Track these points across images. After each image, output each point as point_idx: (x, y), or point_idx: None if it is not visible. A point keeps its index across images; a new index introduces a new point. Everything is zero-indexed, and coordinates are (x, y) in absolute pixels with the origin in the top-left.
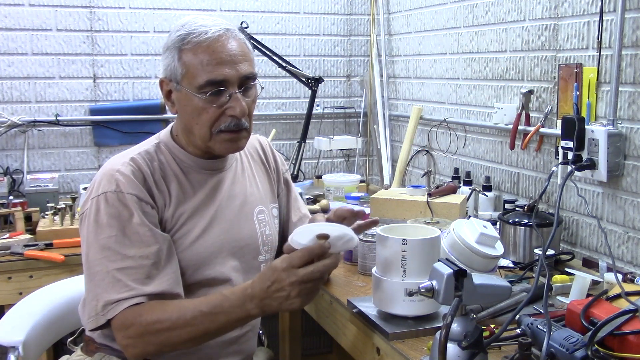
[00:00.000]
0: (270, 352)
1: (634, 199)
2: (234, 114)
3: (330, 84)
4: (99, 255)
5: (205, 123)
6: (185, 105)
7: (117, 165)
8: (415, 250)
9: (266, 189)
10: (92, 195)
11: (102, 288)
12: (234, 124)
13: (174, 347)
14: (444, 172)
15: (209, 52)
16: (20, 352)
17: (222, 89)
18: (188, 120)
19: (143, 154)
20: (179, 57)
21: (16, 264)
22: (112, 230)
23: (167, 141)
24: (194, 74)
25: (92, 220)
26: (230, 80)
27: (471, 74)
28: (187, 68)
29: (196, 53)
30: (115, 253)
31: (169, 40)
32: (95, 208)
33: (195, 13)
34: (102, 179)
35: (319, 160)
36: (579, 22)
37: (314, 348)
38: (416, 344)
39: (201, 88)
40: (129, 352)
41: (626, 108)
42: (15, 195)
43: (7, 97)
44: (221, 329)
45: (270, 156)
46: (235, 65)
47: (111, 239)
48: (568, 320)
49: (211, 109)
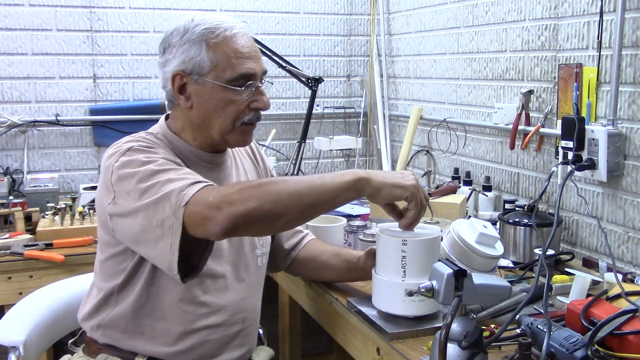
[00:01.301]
0: (270, 351)
1: (634, 199)
2: (259, 107)
3: (330, 84)
4: (149, 181)
5: (230, 115)
6: (209, 99)
7: (133, 138)
8: (415, 250)
9: None
10: (115, 159)
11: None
12: (256, 116)
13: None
14: (444, 172)
15: (238, 47)
16: (20, 352)
17: (251, 82)
18: (208, 113)
19: (144, 135)
20: (206, 50)
21: (16, 264)
22: (152, 165)
23: (164, 133)
24: (224, 67)
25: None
26: (257, 74)
27: (471, 74)
28: (217, 61)
29: (226, 47)
30: (163, 171)
31: (187, 35)
32: (128, 162)
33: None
34: (116, 148)
35: (319, 160)
36: (579, 22)
37: (314, 348)
38: (416, 344)
39: (233, 81)
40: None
41: (626, 108)
42: (15, 195)
43: (7, 97)
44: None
45: (257, 154)
46: (258, 60)
47: (155, 165)
48: (568, 320)
49: (239, 101)
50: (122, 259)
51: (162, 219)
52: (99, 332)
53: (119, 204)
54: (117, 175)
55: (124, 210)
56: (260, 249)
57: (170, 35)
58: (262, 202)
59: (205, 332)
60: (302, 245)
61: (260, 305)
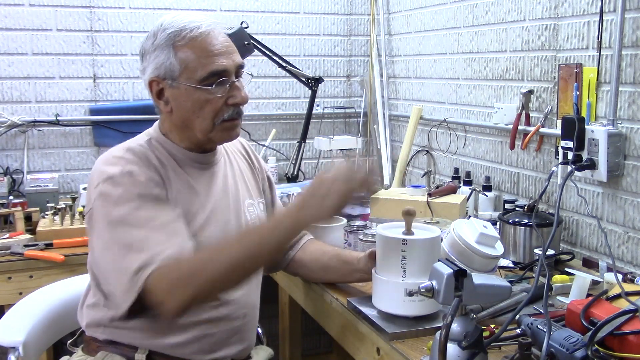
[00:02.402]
0: (270, 351)
1: (634, 199)
2: (236, 102)
3: (330, 84)
4: (116, 230)
5: (209, 115)
6: (185, 101)
7: (119, 152)
8: (415, 250)
9: (252, 184)
10: (95, 184)
11: (126, 259)
12: (236, 112)
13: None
14: (444, 172)
15: (205, 45)
16: (20, 352)
17: (224, 78)
18: (187, 115)
19: (142, 143)
20: (174, 53)
21: (16, 264)
22: (125, 206)
23: (157, 137)
24: (194, 68)
25: (102, 206)
26: (229, 70)
27: (471, 74)
28: (186, 63)
29: (193, 47)
30: (131, 225)
31: (157, 40)
32: (107, 190)
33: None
34: (105, 165)
35: (319, 160)
36: (579, 22)
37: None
38: (416, 344)
39: (204, 80)
40: (171, 305)
41: (626, 108)
42: (15, 195)
43: (7, 97)
44: (260, 246)
45: (252, 155)
46: (229, 56)
47: (126, 212)
48: (568, 320)
49: (215, 99)
50: None
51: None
52: (99, 330)
53: (94, 224)
54: (92, 202)
55: (94, 241)
56: None
57: (145, 42)
58: (207, 285)
59: (206, 325)
60: (300, 245)
61: (259, 302)
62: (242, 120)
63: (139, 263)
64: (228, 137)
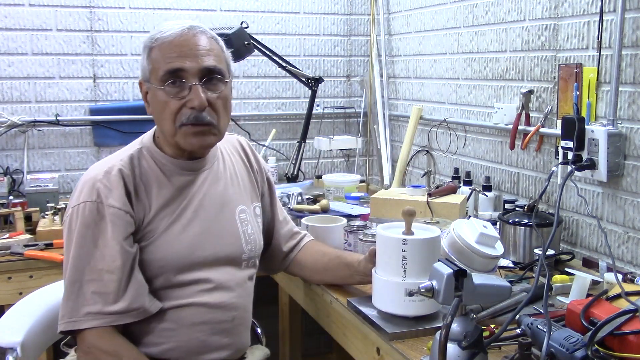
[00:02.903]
0: (266, 350)
1: (634, 199)
2: (193, 106)
3: (330, 84)
4: (72, 263)
5: (168, 117)
6: (154, 102)
7: (99, 174)
8: (416, 250)
9: (248, 188)
10: (73, 204)
11: (72, 297)
12: (193, 116)
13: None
14: (444, 172)
15: (171, 46)
16: (18, 353)
17: (182, 80)
18: (157, 116)
19: (126, 160)
20: (147, 55)
21: (16, 264)
22: (85, 240)
23: (149, 145)
24: (157, 68)
25: (69, 228)
26: (189, 71)
27: (471, 74)
28: (153, 64)
29: (161, 48)
30: (84, 264)
31: (143, 45)
32: (75, 216)
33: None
34: (83, 187)
35: (319, 160)
36: (579, 22)
37: (314, 348)
38: (416, 344)
39: (162, 80)
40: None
41: (626, 108)
42: (15, 195)
43: (7, 97)
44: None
45: (251, 156)
46: (196, 58)
47: (83, 249)
48: (568, 320)
49: (171, 101)
50: None
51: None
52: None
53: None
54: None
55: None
56: (247, 252)
57: None
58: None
59: (192, 329)
60: (300, 246)
61: (250, 303)
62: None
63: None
64: (195, 144)
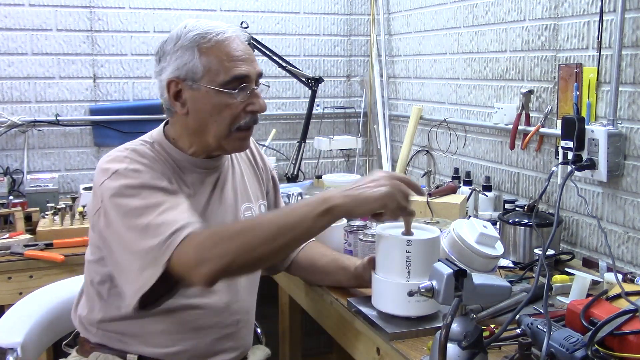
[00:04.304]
0: (267, 350)
1: (634, 199)
2: (255, 110)
3: (330, 84)
4: (134, 218)
5: (226, 120)
6: (204, 104)
7: (120, 153)
8: (420, 251)
9: (254, 186)
10: (101, 181)
11: (148, 239)
12: (253, 120)
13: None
14: (444, 172)
15: (230, 50)
16: (18, 353)
17: (245, 84)
18: (204, 118)
19: (143, 144)
20: (198, 55)
21: (16, 264)
22: (137, 196)
23: (160, 141)
24: (217, 71)
25: (112, 200)
26: (251, 77)
27: (471, 74)
28: (210, 65)
29: (219, 51)
30: (149, 209)
31: (180, 42)
32: (112, 188)
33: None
34: (106, 166)
35: (319, 160)
36: (579, 22)
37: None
38: (416, 344)
39: (226, 84)
40: (205, 269)
41: (626, 108)
42: (15, 195)
43: (7, 97)
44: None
45: (256, 154)
46: (252, 63)
47: (141, 201)
48: (568, 320)
49: (235, 104)
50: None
51: (142, 267)
52: (91, 332)
53: (105, 230)
54: (104, 202)
55: (109, 239)
56: None
57: (165, 43)
58: (237, 254)
59: (198, 333)
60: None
61: (254, 306)
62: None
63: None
64: (239, 148)
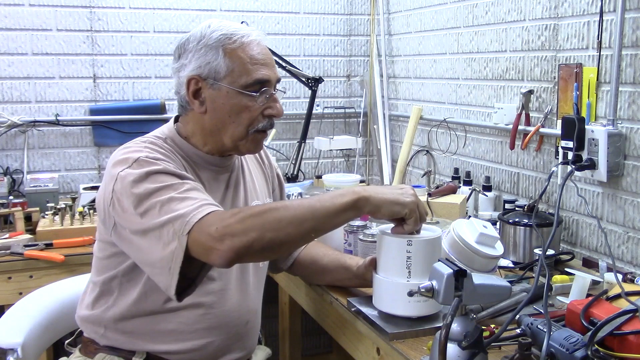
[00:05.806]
0: (268, 350)
1: (634, 199)
2: (273, 114)
3: (330, 84)
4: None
5: (244, 121)
6: (224, 104)
7: (136, 146)
8: (420, 251)
9: (262, 184)
10: (121, 169)
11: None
12: (269, 124)
13: (277, 231)
14: (444, 172)
15: (254, 53)
16: (19, 354)
17: (266, 88)
18: (222, 118)
19: (157, 139)
20: (223, 55)
21: (16, 264)
22: (157, 180)
23: (173, 137)
24: (240, 72)
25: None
26: (272, 81)
27: (471, 74)
28: (233, 66)
29: (243, 53)
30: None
31: (204, 40)
32: (131, 174)
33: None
34: (123, 156)
35: (319, 160)
36: (579, 22)
37: (314, 348)
38: (416, 344)
39: (248, 86)
40: (223, 247)
41: (626, 108)
42: (15, 195)
43: (7, 97)
44: (326, 208)
45: (263, 153)
46: (272, 68)
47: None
48: (568, 320)
49: (254, 107)
50: (122, 259)
51: (166, 243)
52: (98, 333)
53: (123, 218)
54: (122, 187)
55: (128, 226)
56: None
57: (186, 41)
58: (264, 232)
59: (207, 333)
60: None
61: (260, 306)
62: None
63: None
64: (253, 150)
